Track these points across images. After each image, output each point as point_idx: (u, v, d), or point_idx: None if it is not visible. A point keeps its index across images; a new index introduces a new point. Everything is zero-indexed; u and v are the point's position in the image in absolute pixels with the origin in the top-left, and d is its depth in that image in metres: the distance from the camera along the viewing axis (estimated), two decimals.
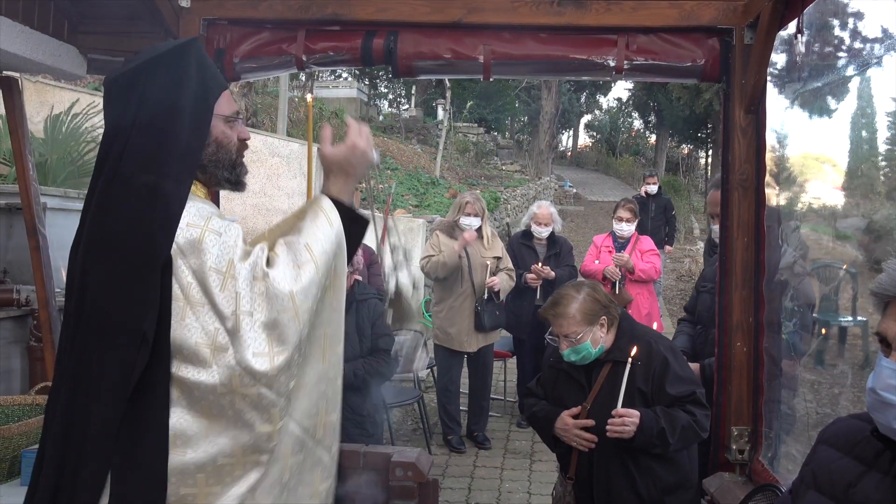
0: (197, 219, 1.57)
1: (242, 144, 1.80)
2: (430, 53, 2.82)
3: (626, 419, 2.46)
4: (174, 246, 1.52)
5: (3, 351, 3.32)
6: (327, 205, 1.69)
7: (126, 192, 1.56)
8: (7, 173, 5.76)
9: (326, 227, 1.67)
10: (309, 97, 2.06)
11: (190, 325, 1.52)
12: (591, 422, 2.57)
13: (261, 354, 1.52)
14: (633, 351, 2.55)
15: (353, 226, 1.74)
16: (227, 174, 1.76)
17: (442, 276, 5.32)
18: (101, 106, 1.74)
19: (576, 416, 2.61)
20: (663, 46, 2.76)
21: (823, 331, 5.77)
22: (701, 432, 2.54)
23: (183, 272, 1.52)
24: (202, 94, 1.69)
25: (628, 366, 2.53)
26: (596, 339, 2.60)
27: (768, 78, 2.67)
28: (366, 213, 1.87)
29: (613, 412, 2.48)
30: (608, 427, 2.48)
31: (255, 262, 1.57)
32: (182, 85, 1.66)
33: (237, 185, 1.80)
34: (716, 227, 3.32)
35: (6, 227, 3.89)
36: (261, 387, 1.52)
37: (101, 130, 1.66)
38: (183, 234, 1.54)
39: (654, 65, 2.78)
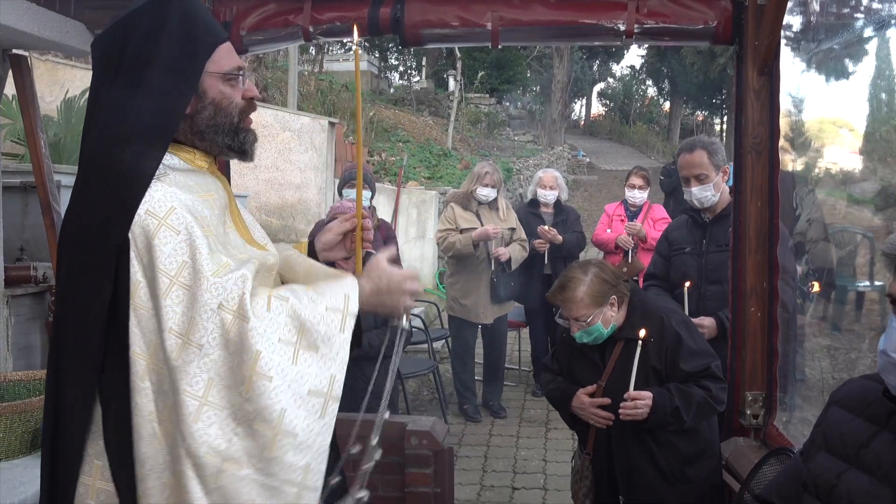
0: (159, 207, 1.37)
1: (249, 104, 1.60)
2: (438, 21, 2.79)
3: (638, 402, 2.44)
4: (130, 233, 1.35)
5: (23, 327, 3.37)
6: (353, 306, 1.47)
7: (89, 165, 1.45)
8: (22, 153, 5.80)
9: (336, 334, 1.44)
10: (355, 34, 1.74)
11: (132, 328, 1.35)
12: (606, 400, 2.55)
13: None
14: (643, 333, 2.51)
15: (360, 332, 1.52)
16: (227, 140, 1.57)
17: (454, 256, 5.34)
18: None
19: (591, 395, 2.60)
20: (674, 9, 2.72)
21: (816, 288, 5.68)
22: (717, 406, 2.52)
23: (133, 266, 1.36)
24: (186, 51, 1.48)
25: (639, 348, 2.50)
26: (607, 319, 2.56)
27: (783, 40, 2.63)
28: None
29: (626, 395, 2.46)
30: (621, 410, 2.46)
31: (235, 288, 1.36)
32: (155, 41, 1.46)
33: (241, 153, 1.61)
34: (695, 190, 3.29)
35: (22, 205, 3.92)
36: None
37: None
38: (140, 221, 1.35)
39: (666, 28, 2.74)
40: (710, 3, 2.70)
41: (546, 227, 5.60)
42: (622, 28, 2.72)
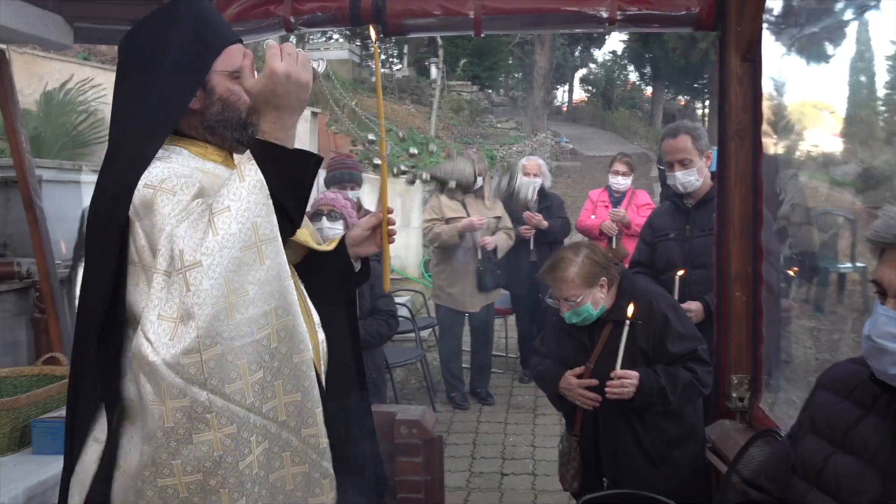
0: (154, 179, 1.49)
1: None
2: (420, 11, 2.78)
3: (624, 381, 2.46)
4: (132, 208, 1.46)
5: (8, 323, 3.35)
6: (244, 157, 1.49)
7: (107, 154, 1.59)
8: (1, 147, 5.73)
9: (236, 184, 1.46)
10: (373, 33, 1.87)
11: (142, 289, 1.45)
12: (594, 381, 2.58)
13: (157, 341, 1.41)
14: (630, 311, 2.53)
15: (293, 167, 1.51)
16: (236, 135, 1.66)
17: (440, 246, 5.34)
18: (94, 80, 1.73)
19: (579, 376, 2.62)
20: None
21: (793, 271, 5.75)
22: (703, 388, 2.54)
23: (138, 235, 1.46)
24: (194, 50, 1.61)
25: (626, 327, 2.51)
26: (596, 301, 2.59)
27: (764, 25, 2.64)
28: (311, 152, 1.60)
29: (612, 374, 2.48)
30: (607, 389, 2.48)
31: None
32: (165, 42, 1.60)
33: (248, 145, 1.65)
34: (679, 175, 3.32)
35: (3, 200, 3.88)
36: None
37: (94, 104, 1.65)
38: (139, 195, 1.47)
39: (648, 14, 2.75)
40: None
41: (531, 213, 5.61)
42: (605, 15, 2.72)
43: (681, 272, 3.20)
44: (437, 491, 2.97)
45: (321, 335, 1.76)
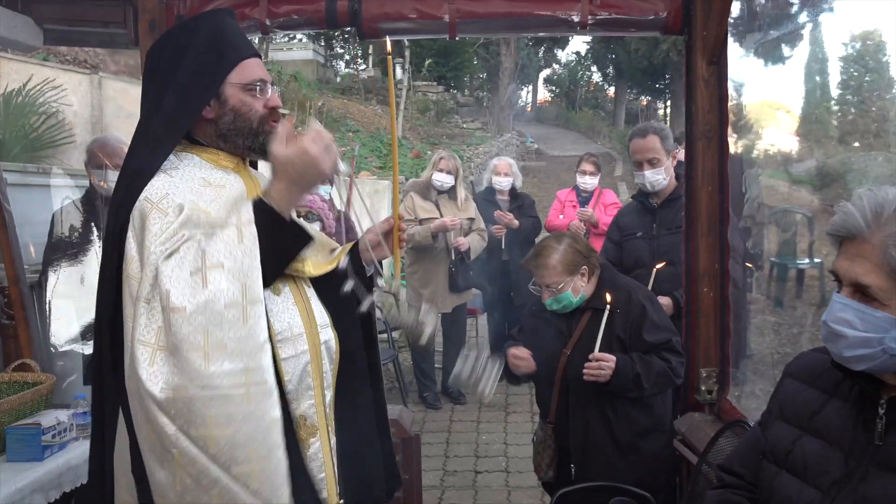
0: (155, 194, 1.60)
1: (272, 112, 1.78)
2: (396, 14, 2.81)
3: (602, 363, 2.55)
4: (130, 218, 1.58)
5: None
6: (245, 216, 1.60)
7: (125, 160, 1.74)
8: None
9: (233, 241, 1.58)
10: (388, 44, 1.98)
11: (128, 301, 1.55)
12: (526, 351, 2.71)
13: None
14: (609, 297, 2.63)
15: (285, 241, 1.65)
16: (248, 142, 1.76)
17: (414, 248, 5.34)
18: (55, 81, 1.81)
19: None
20: (626, 0, 2.79)
21: (751, 265, 5.93)
22: (675, 378, 2.64)
23: (130, 245, 1.56)
24: (209, 62, 1.72)
25: (606, 311, 2.62)
26: (577, 289, 2.68)
27: (729, 29, 2.72)
28: (308, 226, 1.79)
29: (590, 356, 2.58)
30: (585, 370, 2.57)
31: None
32: (184, 53, 1.72)
33: (263, 153, 1.78)
34: (648, 173, 3.40)
35: None
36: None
37: (55, 105, 1.74)
38: (139, 205, 1.58)
39: (618, 19, 2.81)
40: None
41: (502, 213, 5.67)
42: (576, 19, 2.78)
43: (660, 265, 3.26)
44: (414, 490, 3.00)
45: (325, 335, 1.83)
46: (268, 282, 1.61)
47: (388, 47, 1.96)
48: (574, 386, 2.68)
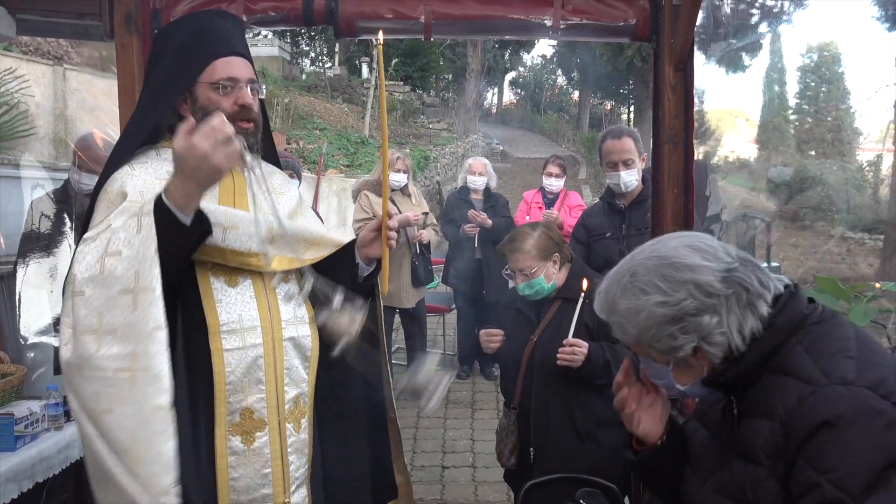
0: (110, 184, 1.72)
1: (241, 110, 1.80)
2: (372, 14, 2.84)
3: (575, 349, 2.64)
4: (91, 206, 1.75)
5: None
6: (146, 208, 1.60)
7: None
8: None
9: (133, 231, 1.60)
10: (380, 37, 2.04)
11: None
12: (499, 332, 2.81)
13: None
14: (585, 285, 2.73)
15: (179, 238, 1.61)
16: None
17: None
18: (16, 71, 1.88)
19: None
20: (597, 7, 2.86)
21: None
22: None
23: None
24: (182, 63, 1.78)
25: (581, 299, 2.71)
26: (549, 275, 2.78)
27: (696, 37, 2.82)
28: (215, 210, 1.73)
29: (564, 342, 2.66)
30: (559, 355, 2.65)
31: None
32: (162, 52, 1.79)
33: None
34: (623, 174, 3.49)
35: None
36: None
37: (17, 96, 1.80)
38: (105, 188, 1.73)
39: (589, 24, 2.89)
40: (630, 1, 2.85)
41: (475, 212, 5.73)
42: (549, 24, 2.85)
43: None
44: None
45: (294, 331, 1.87)
46: (170, 274, 1.61)
47: (380, 39, 2.00)
48: (539, 371, 2.77)
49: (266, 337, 1.80)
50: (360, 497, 2.04)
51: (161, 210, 1.58)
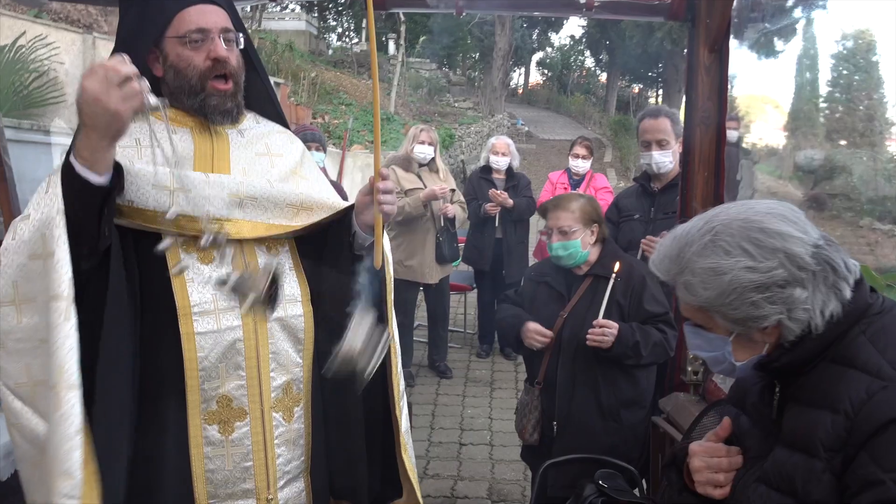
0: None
1: (215, 65, 1.62)
2: None
3: (606, 329, 2.64)
4: None
5: None
6: (55, 168, 1.49)
7: None
8: None
9: (42, 193, 1.50)
10: (370, 5, 1.72)
11: None
12: (549, 332, 2.76)
13: None
14: (617, 266, 2.73)
15: (84, 195, 1.44)
16: (191, 102, 1.64)
17: (402, 220, 5.31)
18: (46, 38, 1.72)
19: (551, 325, 2.78)
20: None
21: None
22: (669, 351, 2.74)
23: None
24: (146, 17, 1.61)
25: (612, 279, 2.71)
26: (585, 243, 2.78)
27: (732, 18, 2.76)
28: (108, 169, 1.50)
29: (594, 322, 2.66)
30: (588, 335, 2.65)
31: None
32: (126, 10, 1.64)
33: (203, 116, 1.66)
34: (655, 154, 3.43)
35: None
36: None
37: (47, 63, 1.64)
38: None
39: (623, 2, 2.85)
40: None
41: (497, 191, 5.70)
42: (583, 1, 2.81)
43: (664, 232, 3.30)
44: None
45: (282, 310, 1.70)
46: (88, 238, 1.46)
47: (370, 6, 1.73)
48: (567, 347, 2.76)
49: (246, 318, 1.64)
50: (358, 495, 1.87)
51: (68, 167, 1.43)
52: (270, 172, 1.75)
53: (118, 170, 1.50)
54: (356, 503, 1.89)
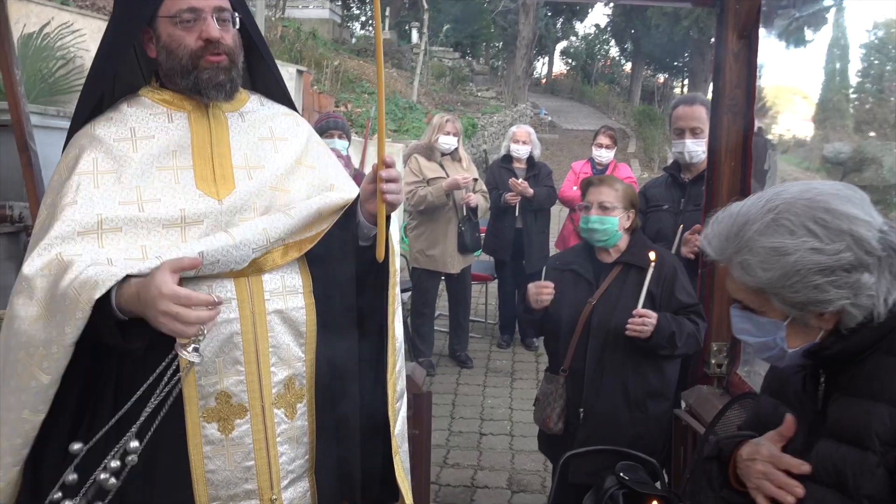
0: (69, 150, 1.60)
1: (207, 46, 1.57)
2: None
3: (645, 319, 2.61)
4: None
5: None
6: (89, 295, 1.45)
7: None
8: None
9: (71, 305, 1.47)
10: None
11: None
12: (549, 284, 2.75)
13: None
14: (654, 256, 2.72)
15: (104, 323, 1.45)
16: (184, 82, 1.60)
17: (424, 209, 5.31)
18: (73, 25, 1.73)
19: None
20: None
21: None
22: (700, 342, 2.71)
23: None
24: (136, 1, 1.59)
25: (651, 268, 2.70)
26: (622, 224, 2.79)
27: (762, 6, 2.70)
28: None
29: (634, 311, 2.64)
30: (628, 325, 2.63)
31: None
32: None
33: (199, 94, 1.61)
34: (689, 142, 3.35)
35: None
36: None
37: (73, 49, 1.66)
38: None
39: None
40: None
41: (517, 180, 5.67)
42: None
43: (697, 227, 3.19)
44: (424, 445, 3.05)
45: (281, 303, 1.64)
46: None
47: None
48: (595, 335, 2.74)
49: (243, 311, 1.57)
50: (352, 497, 1.79)
51: (102, 305, 1.41)
52: (275, 158, 1.70)
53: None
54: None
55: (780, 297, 1.28)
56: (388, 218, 1.71)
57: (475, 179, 5.50)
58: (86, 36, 8.25)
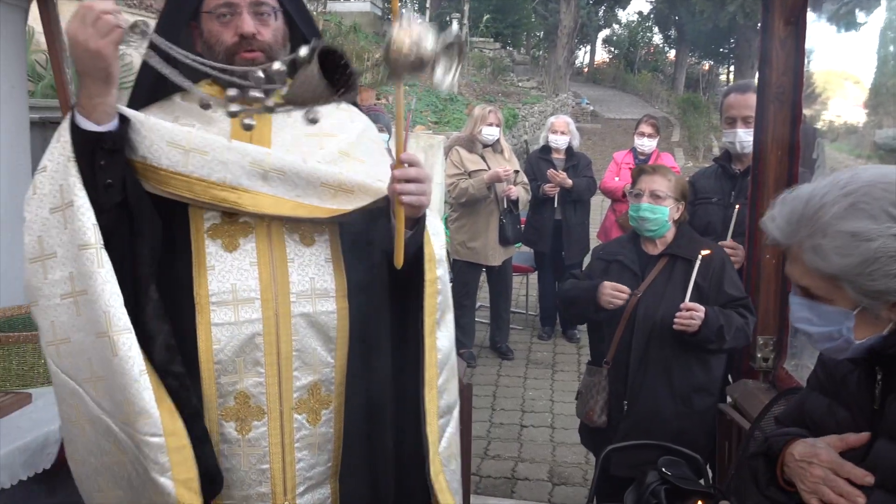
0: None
1: (242, 41, 1.54)
2: None
3: (693, 313, 2.58)
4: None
5: None
6: (67, 115, 1.45)
7: None
8: (34, 89, 5.78)
9: (55, 142, 1.46)
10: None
11: None
12: (626, 288, 2.70)
13: None
14: (706, 251, 2.70)
15: (82, 142, 1.40)
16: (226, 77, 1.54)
17: (465, 202, 5.30)
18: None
19: (625, 304, 2.72)
20: None
21: None
22: (749, 336, 2.67)
23: None
24: None
25: (698, 261, 2.68)
26: (671, 215, 2.77)
27: None
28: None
29: (682, 305, 2.62)
30: (676, 319, 2.60)
31: None
32: None
33: (238, 87, 1.49)
34: (741, 132, 3.23)
35: (41, 140, 3.93)
36: None
37: (122, 47, 1.61)
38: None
39: None
40: None
41: (555, 171, 5.62)
42: None
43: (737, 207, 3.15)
44: (464, 437, 3.05)
45: (310, 306, 1.58)
46: (101, 190, 1.43)
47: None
48: (641, 327, 2.71)
49: (266, 312, 1.54)
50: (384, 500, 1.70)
51: (73, 116, 1.41)
52: (315, 154, 1.63)
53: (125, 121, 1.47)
54: None
55: (856, 285, 1.22)
56: (421, 219, 1.62)
57: (516, 171, 5.48)
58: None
